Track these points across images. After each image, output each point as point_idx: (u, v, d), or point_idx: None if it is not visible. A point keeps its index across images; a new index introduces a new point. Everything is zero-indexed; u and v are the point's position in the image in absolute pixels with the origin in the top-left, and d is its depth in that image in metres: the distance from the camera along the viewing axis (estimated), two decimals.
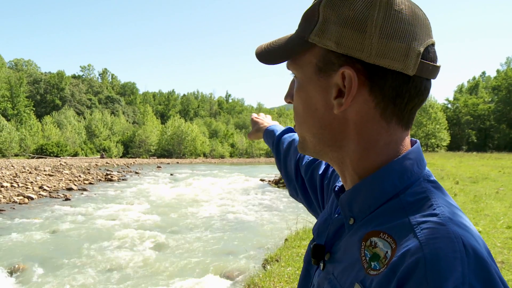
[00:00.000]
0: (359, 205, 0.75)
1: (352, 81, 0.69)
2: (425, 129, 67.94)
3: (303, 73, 0.77)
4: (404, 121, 0.73)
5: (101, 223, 12.63)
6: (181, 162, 63.09)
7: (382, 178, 0.73)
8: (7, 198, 17.33)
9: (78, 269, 8.22)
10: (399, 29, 0.68)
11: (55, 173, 29.57)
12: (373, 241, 0.68)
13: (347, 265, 0.72)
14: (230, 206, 16.54)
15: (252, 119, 1.78)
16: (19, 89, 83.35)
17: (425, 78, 0.71)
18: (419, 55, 0.68)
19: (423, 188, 0.70)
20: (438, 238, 0.60)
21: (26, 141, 65.85)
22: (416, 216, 0.65)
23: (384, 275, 0.62)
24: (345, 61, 0.70)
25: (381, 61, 0.68)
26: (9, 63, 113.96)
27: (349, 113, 0.73)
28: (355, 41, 0.68)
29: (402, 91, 0.70)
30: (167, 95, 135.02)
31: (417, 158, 0.75)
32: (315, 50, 0.73)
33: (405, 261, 0.59)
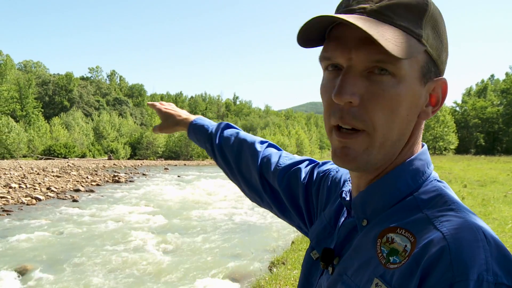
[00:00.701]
0: (373, 206, 0.76)
1: (444, 90, 0.74)
2: (433, 132, 67.55)
3: (407, 73, 0.70)
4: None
5: (108, 224, 12.67)
6: (189, 164, 63.18)
7: (396, 178, 0.74)
8: (15, 199, 17.43)
9: (85, 270, 8.24)
10: (447, 42, 0.75)
11: (62, 175, 29.69)
12: (389, 237, 0.68)
13: (362, 264, 0.72)
14: (237, 208, 16.52)
15: (160, 109, 1.55)
16: (28, 90, 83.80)
17: None
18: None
19: (435, 187, 0.72)
20: (459, 228, 0.61)
21: (34, 142, 66.17)
22: (434, 211, 0.67)
23: (407, 266, 0.62)
24: (439, 72, 0.75)
25: (442, 73, 0.75)
26: (18, 64, 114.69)
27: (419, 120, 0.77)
28: (441, 53, 0.73)
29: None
30: (175, 97, 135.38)
31: (427, 160, 0.77)
32: (421, 55, 0.71)
33: (429, 251, 0.60)
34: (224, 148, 1.34)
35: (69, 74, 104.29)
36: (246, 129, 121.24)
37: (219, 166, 1.40)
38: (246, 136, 1.34)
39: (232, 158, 1.31)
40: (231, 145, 1.32)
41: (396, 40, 0.66)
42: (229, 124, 1.41)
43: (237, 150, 1.30)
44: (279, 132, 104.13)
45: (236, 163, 1.30)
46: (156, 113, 1.57)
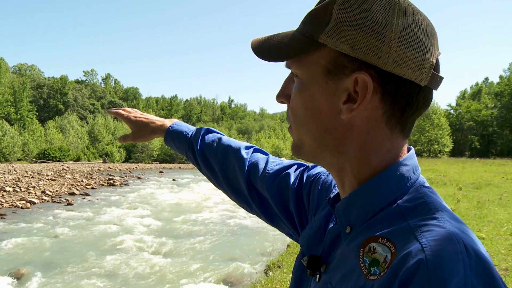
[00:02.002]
0: (356, 213, 0.74)
1: (368, 87, 0.68)
2: (427, 135, 67.79)
3: (308, 73, 0.73)
4: (406, 129, 0.73)
5: (103, 228, 12.62)
6: (184, 167, 63.06)
7: (379, 185, 0.72)
8: (10, 202, 17.34)
9: (80, 274, 8.20)
10: (417, 38, 0.67)
11: (57, 178, 29.60)
12: (371, 247, 0.66)
13: (345, 273, 0.71)
14: (232, 211, 16.50)
15: (129, 118, 1.43)
16: (23, 93, 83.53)
17: (432, 89, 0.71)
18: (432, 66, 0.68)
19: (420, 194, 0.69)
20: (439, 240, 0.59)
21: (29, 145, 65.91)
22: (416, 220, 0.64)
23: (385, 278, 0.60)
24: (359, 66, 0.68)
25: (397, 70, 0.66)
26: (12, 68, 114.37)
27: (356, 118, 0.71)
28: (373, 47, 0.66)
29: (412, 100, 0.69)
30: (170, 100, 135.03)
31: (413, 165, 0.74)
32: (325, 51, 0.70)
33: (407, 263, 0.58)
34: (207, 155, 1.28)
35: (64, 78, 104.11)
36: (242, 132, 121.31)
37: (203, 174, 1.33)
38: (230, 142, 1.28)
39: (217, 165, 1.26)
40: (214, 152, 1.27)
41: (275, 45, 0.75)
42: (210, 129, 1.34)
43: (221, 157, 1.25)
44: (274, 135, 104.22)
45: (222, 171, 1.25)
46: (124, 122, 1.45)
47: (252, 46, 0.79)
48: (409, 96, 0.69)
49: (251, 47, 0.79)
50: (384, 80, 0.68)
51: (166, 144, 1.39)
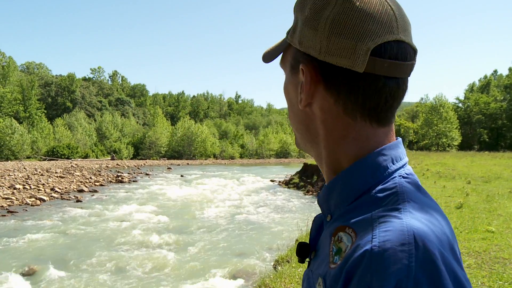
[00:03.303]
0: (334, 202, 0.75)
1: (306, 77, 0.72)
2: (435, 129, 67.39)
3: (285, 71, 0.82)
4: (372, 117, 0.71)
5: (112, 224, 12.70)
6: (191, 164, 63.23)
7: (354, 174, 0.72)
8: (20, 200, 17.49)
9: (89, 270, 8.26)
10: (348, 26, 0.67)
11: (66, 175, 29.78)
12: (339, 236, 0.67)
13: (321, 261, 0.73)
14: (241, 207, 16.53)
15: None
16: (31, 92, 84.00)
17: (385, 75, 0.68)
18: (368, 51, 0.66)
19: (395, 184, 0.68)
20: (389, 231, 0.59)
21: (37, 143, 66.31)
22: (379, 211, 0.64)
23: (339, 267, 0.62)
24: (305, 59, 0.73)
25: (329, 58, 0.68)
26: (21, 66, 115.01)
27: (314, 109, 0.74)
28: (310, 39, 0.71)
29: (354, 88, 0.69)
30: (177, 97, 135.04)
31: (394, 155, 0.73)
32: (291, 49, 0.78)
33: (355, 253, 0.59)
34: None
35: (71, 75, 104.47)
36: (249, 127, 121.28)
37: None
38: None
39: None
40: None
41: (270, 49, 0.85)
42: None
43: None
44: (281, 130, 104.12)
45: None
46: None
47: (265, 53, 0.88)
48: (350, 84, 0.69)
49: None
50: (323, 70, 0.70)
51: None
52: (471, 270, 5.73)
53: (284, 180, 27.67)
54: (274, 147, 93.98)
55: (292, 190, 23.14)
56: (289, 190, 23.00)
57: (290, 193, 21.39)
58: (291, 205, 17.19)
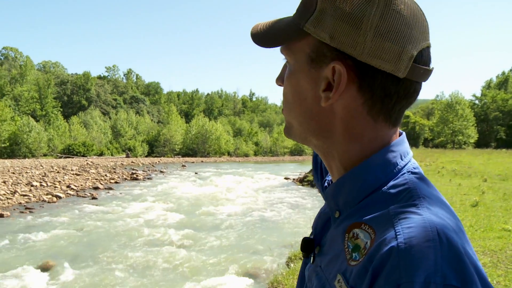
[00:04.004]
0: (344, 198, 0.75)
1: (342, 77, 0.69)
2: (451, 126, 66.72)
3: (295, 60, 0.76)
4: (392, 119, 0.73)
5: (127, 221, 12.80)
6: (206, 161, 63.42)
7: (365, 171, 0.73)
8: (37, 197, 17.74)
9: (104, 266, 8.35)
10: (395, 30, 0.66)
11: (82, 173, 30.09)
12: (355, 233, 0.68)
13: (332, 257, 0.73)
14: (254, 204, 16.55)
15: None
16: (47, 90, 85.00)
17: (415, 81, 0.70)
18: (412, 58, 0.67)
19: (406, 180, 0.70)
20: (412, 227, 0.59)
21: (54, 141, 67.07)
22: (396, 207, 0.65)
23: (362, 264, 0.62)
24: (337, 55, 0.69)
25: (373, 61, 0.67)
26: (37, 65, 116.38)
27: (336, 107, 0.72)
28: (349, 37, 0.67)
29: (390, 92, 0.69)
30: (191, 94, 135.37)
31: (401, 150, 0.74)
32: (309, 39, 0.72)
33: (380, 250, 0.60)
34: None
35: (86, 74, 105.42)
36: (263, 125, 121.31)
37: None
38: None
39: None
40: None
41: (270, 32, 0.77)
42: None
43: None
44: None
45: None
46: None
47: (252, 32, 0.81)
48: (386, 88, 0.69)
49: (251, 33, 0.81)
50: (361, 71, 0.68)
51: None
52: (486, 269, 5.67)
53: (298, 177, 27.62)
54: (289, 144, 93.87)
55: (306, 187, 23.09)
56: (303, 188, 22.96)
57: (304, 191, 21.35)
58: (305, 203, 17.17)
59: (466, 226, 8.33)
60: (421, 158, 28.83)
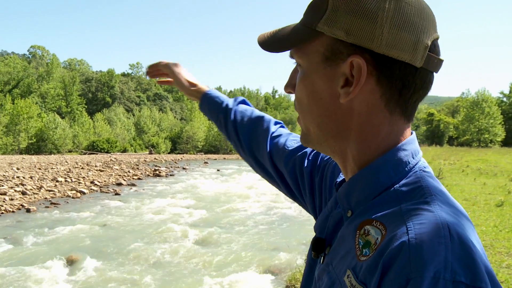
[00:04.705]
0: (356, 197, 0.76)
1: (362, 70, 0.69)
2: (477, 124, 65.39)
3: (308, 61, 0.76)
4: (407, 113, 0.74)
5: (149, 217, 12.95)
6: (228, 158, 63.53)
7: (378, 170, 0.73)
8: (62, 192, 18.06)
9: (127, 261, 8.47)
10: (409, 21, 0.68)
11: (105, 169, 30.47)
12: (366, 229, 0.68)
13: (343, 254, 0.73)
14: (276, 201, 16.53)
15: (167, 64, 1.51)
16: (72, 87, 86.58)
17: (430, 71, 0.72)
18: (427, 48, 0.69)
19: (417, 178, 0.71)
20: (424, 223, 0.60)
21: (78, 137, 68.18)
22: (408, 204, 0.66)
23: (372, 259, 0.63)
24: (354, 50, 0.70)
25: (391, 52, 0.68)
26: (63, 63, 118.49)
27: (354, 102, 0.73)
28: (366, 30, 0.68)
29: (408, 82, 0.70)
30: None
31: (413, 149, 0.75)
32: (322, 39, 0.73)
33: (391, 245, 0.60)
34: (238, 123, 1.33)
35: (110, 71, 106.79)
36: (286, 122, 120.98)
37: (229, 141, 1.39)
38: (261, 114, 1.33)
39: (245, 135, 1.31)
40: (245, 122, 1.32)
41: (278, 37, 0.79)
42: (245, 100, 1.42)
43: (251, 128, 1.30)
44: None
45: (248, 141, 1.29)
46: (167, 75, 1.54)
47: (259, 41, 0.83)
48: (405, 78, 0.70)
49: (258, 42, 0.83)
50: (379, 63, 0.69)
51: (200, 108, 1.48)
52: (510, 270, 5.57)
53: None
54: None
55: None
56: None
57: None
58: None
59: (490, 226, 8.19)
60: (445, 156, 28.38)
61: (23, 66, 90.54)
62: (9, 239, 10.01)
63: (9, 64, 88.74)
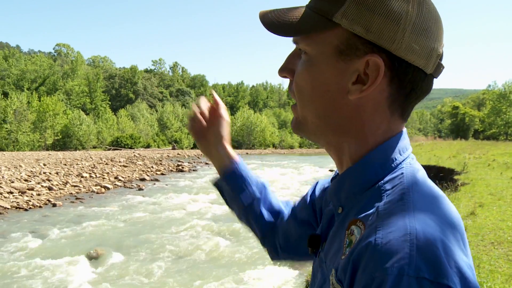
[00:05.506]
0: (346, 194, 0.76)
1: (380, 70, 0.69)
2: (504, 117, 64.00)
3: (318, 51, 0.74)
4: (405, 114, 0.75)
5: (172, 212, 13.06)
6: (251, 153, 63.71)
7: (365, 166, 0.74)
8: (87, 187, 18.37)
9: (150, 255, 8.57)
10: (428, 27, 0.69)
11: (129, 164, 30.88)
12: (352, 229, 0.69)
13: (334, 252, 0.73)
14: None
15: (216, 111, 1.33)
16: (96, 84, 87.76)
17: (434, 77, 0.74)
18: (439, 56, 0.71)
19: (402, 175, 0.71)
20: (392, 222, 0.61)
21: (102, 133, 69.22)
22: (384, 202, 0.66)
23: (347, 258, 0.64)
24: (371, 49, 0.69)
25: (408, 56, 0.68)
26: (87, 60, 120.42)
27: (362, 100, 0.72)
28: (388, 31, 0.67)
29: (417, 86, 0.71)
30: (236, 87, 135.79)
31: (401, 146, 0.75)
32: (338, 31, 0.71)
33: (360, 244, 0.62)
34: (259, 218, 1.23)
35: (133, 67, 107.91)
36: None
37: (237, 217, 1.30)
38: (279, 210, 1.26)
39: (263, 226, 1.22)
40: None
41: (288, 21, 0.75)
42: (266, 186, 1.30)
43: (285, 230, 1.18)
44: None
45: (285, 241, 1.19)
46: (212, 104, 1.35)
47: (263, 20, 0.79)
48: (415, 82, 0.71)
49: (261, 20, 0.79)
50: (395, 65, 0.69)
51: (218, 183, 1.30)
52: None
53: None
54: None
55: None
56: None
57: None
58: None
59: None
60: (470, 150, 27.84)
61: (49, 64, 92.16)
62: (36, 233, 10.23)
63: (35, 62, 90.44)
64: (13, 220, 11.85)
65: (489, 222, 7.35)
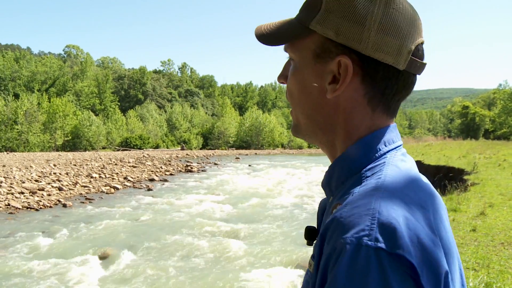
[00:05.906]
0: (335, 183, 0.81)
1: (348, 69, 0.74)
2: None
3: (300, 57, 0.81)
4: (390, 110, 0.79)
5: (181, 212, 13.11)
6: (259, 153, 63.73)
7: (350, 156, 0.78)
8: (96, 188, 18.48)
9: (159, 255, 8.60)
10: (396, 26, 0.73)
11: (138, 165, 30.99)
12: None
13: None
14: (308, 196, 16.49)
15: None
16: (106, 85, 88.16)
17: (413, 73, 0.77)
18: (410, 52, 0.74)
19: (384, 164, 0.74)
20: (360, 200, 0.65)
21: (112, 134, 69.52)
22: (362, 186, 0.70)
23: (319, 236, 0.69)
24: (342, 50, 0.74)
25: (376, 54, 0.73)
26: (97, 61, 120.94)
27: (340, 98, 0.77)
28: (354, 33, 0.73)
29: (391, 83, 0.75)
30: (245, 87, 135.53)
31: (387, 138, 0.79)
32: (315, 37, 0.78)
33: (327, 219, 0.67)
34: None
35: (142, 68, 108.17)
36: None
37: None
38: None
39: None
40: None
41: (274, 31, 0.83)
42: None
43: None
44: None
45: None
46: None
47: (256, 32, 0.87)
48: (388, 79, 0.75)
49: (255, 34, 0.86)
50: (364, 64, 0.74)
51: None
52: None
53: None
54: None
55: None
56: None
57: None
58: None
59: None
60: (480, 150, 27.60)
61: (59, 65, 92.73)
62: (46, 233, 10.32)
63: (46, 63, 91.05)
64: (24, 220, 11.95)
65: (499, 223, 7.31)
